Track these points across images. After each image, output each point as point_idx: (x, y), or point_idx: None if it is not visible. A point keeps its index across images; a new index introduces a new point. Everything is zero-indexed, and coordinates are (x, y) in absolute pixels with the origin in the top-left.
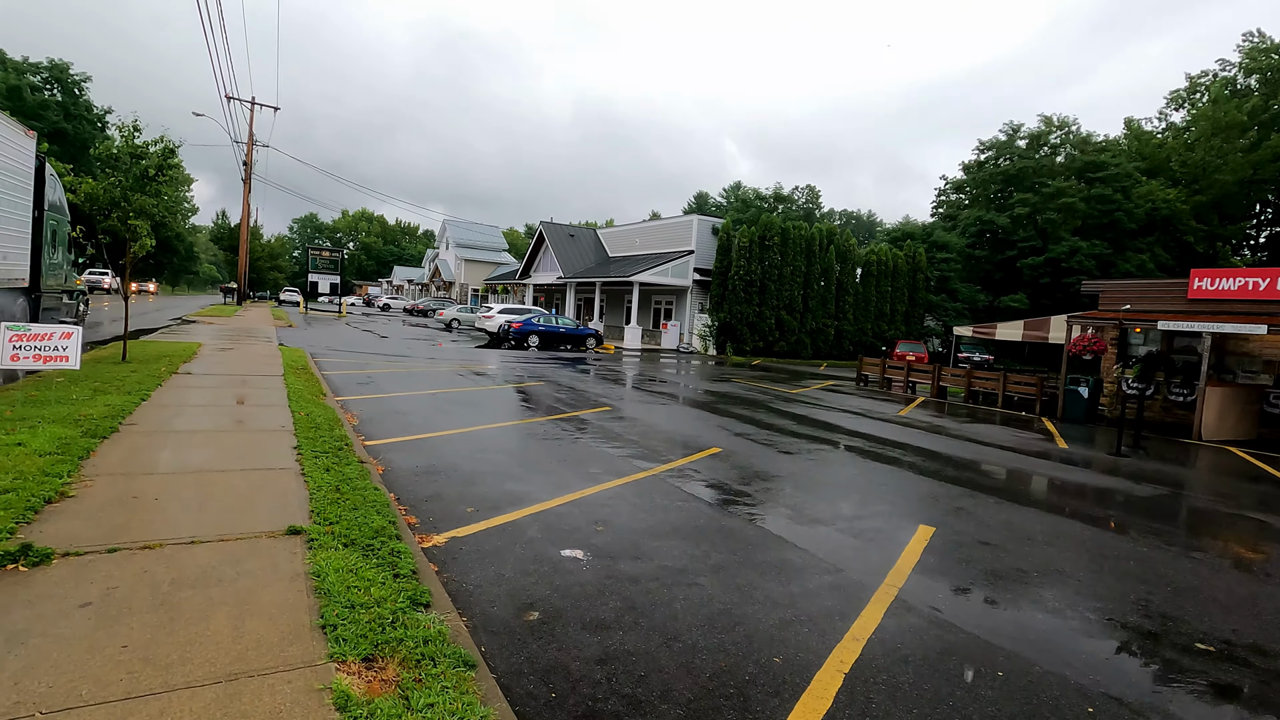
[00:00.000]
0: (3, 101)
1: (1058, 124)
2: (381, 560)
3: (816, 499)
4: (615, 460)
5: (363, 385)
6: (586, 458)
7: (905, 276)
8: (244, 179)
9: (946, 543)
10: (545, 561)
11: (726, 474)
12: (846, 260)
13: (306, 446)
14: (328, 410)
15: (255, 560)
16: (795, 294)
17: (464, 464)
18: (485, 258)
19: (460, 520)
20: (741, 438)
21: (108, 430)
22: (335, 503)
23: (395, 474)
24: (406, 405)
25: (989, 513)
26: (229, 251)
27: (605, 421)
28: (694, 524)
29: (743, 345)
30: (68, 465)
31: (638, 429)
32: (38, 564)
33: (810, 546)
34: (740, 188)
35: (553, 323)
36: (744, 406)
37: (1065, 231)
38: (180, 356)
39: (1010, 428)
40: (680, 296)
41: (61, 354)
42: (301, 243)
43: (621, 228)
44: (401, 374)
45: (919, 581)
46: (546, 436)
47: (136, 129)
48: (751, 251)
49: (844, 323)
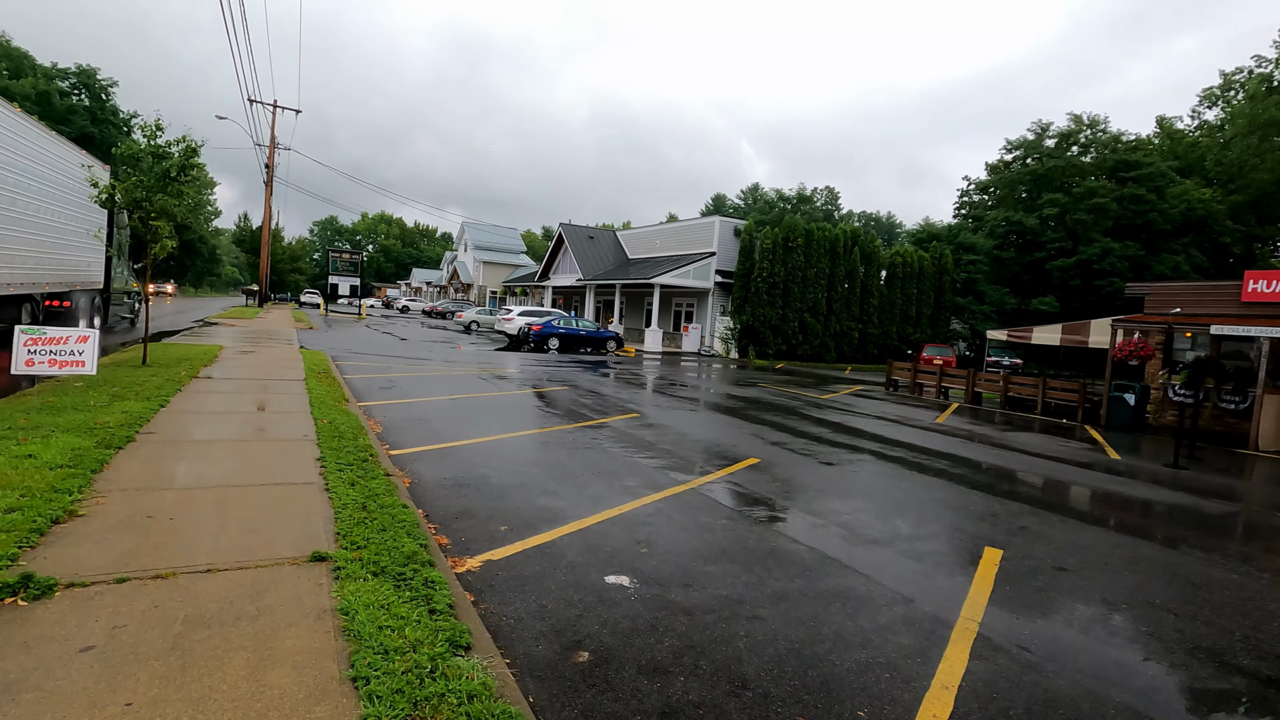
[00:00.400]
0: (31, 106)
1: (1088, 122)
2: (415, 593)
3: (869, 516)
4: (651, 472)
5: (385, 390)
6: (620, 469)
7: (931, 279)
8: (266, 181)
9: (1018, 568)
10: (589, 589)
11: (768, 488)
12: (871, 262)
13: (330, 458)
14: (350, 417)
15: (277, 593)
16: (819, 296)
17: (494, 476)
18: (504, 260)
19: (494, 540)
20: (778, 447)
21: (124, 440)
22: (362, 523)
23: (423, 487)
24: (430, 411)
25: (1055, 532)
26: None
27: (635, 429)
28: (743, 545)
29: (765, 348)
30: (79, 480)
31: (669, 437)
32: (39, 597)
33: (872, 572)
34: (759, 189)
35: (573, 325)
36: (775, 413)
37: (1097, 232)
38: (201, 360)
39: (1055, 437)
40: (701, 299)
41: (77, 358)
42: (321, 245)
43: (641, 229)
44: (423, 378)
45: (998, 616)
46: (576, 445)
47: (159, 128)
48: (775, 253)
49: (868, 326)
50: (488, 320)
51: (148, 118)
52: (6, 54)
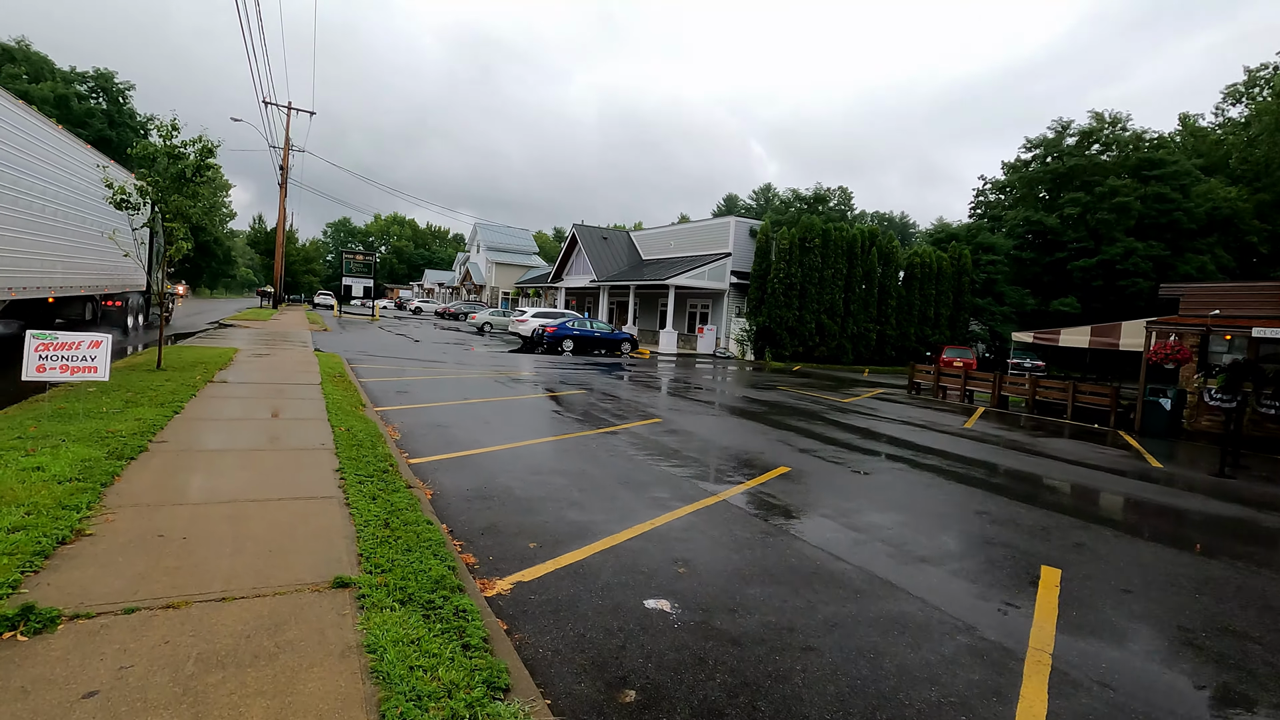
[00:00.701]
0: (50, 110)
1: (1109, 120)
2: (446, 624)
3: (913, 531)
4: (679, 482)
5: (401, 394)
6: (648, 479)
7: (950, 279)
8: (280, 183)
9: (1080, 590)
10: (629, 616)
11: (804, 499)
12: (889, 263)
13: (349, 468)
14: (368, 424)
15: (298, 626)
16: (836, 297)
17: (518, 487)
18: (516, 261)
19: (523, 559)
20: (808, 455)
21: (136, 450)
22: (386, 542)
23: (445, 500)
24: (448, 417)
25: (1112, 549)
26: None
27: (659, 435)
28: (785, 563)
29: (782, 350)
30: (88, 495)
31: (694, 444)
32: (41, 631)
33: (926, 594)
34: (771, 189)
35: (587, 327)
36: (799, 418)
37: (1119, 232)
38: (216, 363)
39: (1090, 443)
40: (717, 300)
41: (90, 364)
42: (335, 246)
43: (655, 230)
44: (439, 381)
45: (1071, 645)
46: (600, 453)
47: (175, 128)
48: (791, 254)
49: (886, 327)
50: (501, 322)
51: (164, 118)
52: (26, 58)
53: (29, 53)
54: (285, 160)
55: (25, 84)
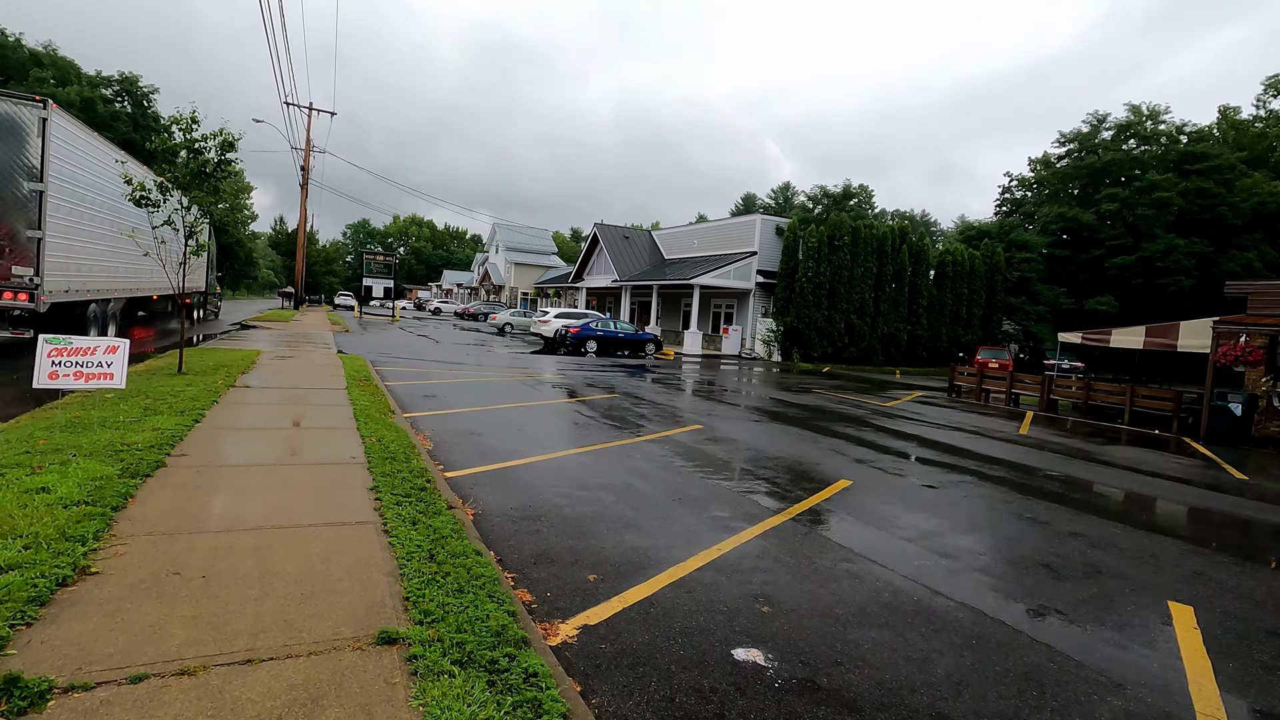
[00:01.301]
0: (76, 113)
1: (1148, 113)
2: (518, 697)
3: (1007, 557)
4: (737, 498)
5: (430, 399)
6: (704, 495)
7: (982, 278)
8: (301, 184)
9: (1223, 633)
10: (718, 671)
11: (876, 517)
12: (920, 261)
13: (384, 486)
14: (399, 433)
15: (339, 701)
16: (866, 297)
17: (565, 505)
18: (535, 261)
19: (585, 595)
20: (865, 466)
21: (152, 465)
22: (433, 581)
23: (489, 521)
24: (480, 423)
25: (1237, 580)
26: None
27: (703, 444)
28: (879, 599)
29: (810, 351)
30: (96, 522)
31: (743, 453)
32: (25, 711)
33: (1051, 639)
34: (790, 188)
35: (610, 328)
36: (844, 423)
37: (1159, 228)
38: (239, 366)
39: (1158, 451)
40: (742, 300)
41: (105, 371)
42: (355, 248)
43: (678, 229)
44: (465, 385)
45: (1241, 708)
46: (647, 464)
47: (195, 121)
48: (820, 252)
49: (917, 328)
50: (522, 322)
51: (183, 110)
52: (54, 63)
53: (56, 57)
54: (306, 161)
55: (52, 87)
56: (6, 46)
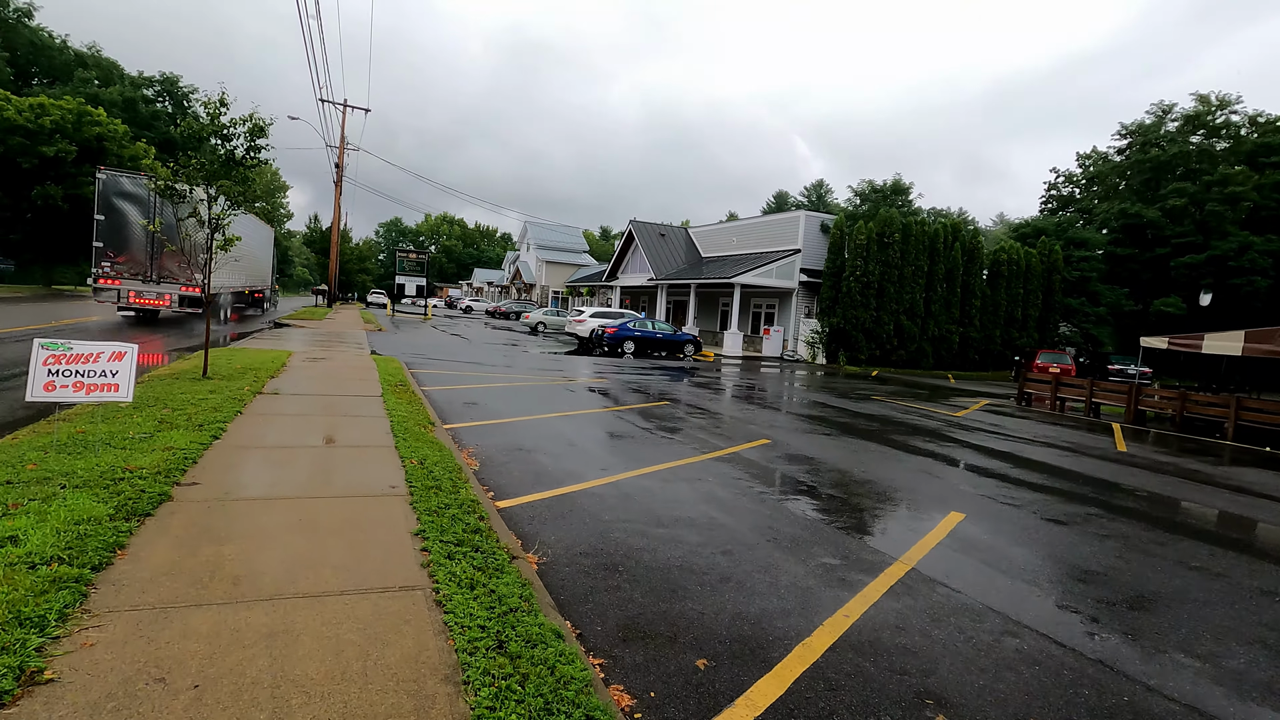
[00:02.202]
0: (118, 112)
1: (1217, 102)
2: None
3: (1206, 629)
4: (842, 539)
5: (470, 407)
6: (801, 534)
7: (1039, 277)
8: (335, 181)
9: None
10: None
11: (1016, 568)
12: (973, 259)
13: (432, 530)
14: (442, 452)
15: None
16: (916, 297)
17: (642, 548)
18: (566, 259)
19: (701, 696)
20: (968, 492)
21: (155, 499)
22: (508, 694)
23: (559, 574)
24: (528, 437)
25: None
26: (320, 255)
27: (778, 464)
28: (1076, 697)
29: (857, 354)
30: (67, 593)
31: (827, 476)
32: None
33: None
34: (823, 185)
35: (648, 328)
36: (921, 437)
37: (1231, 225)
38: (268, 369)
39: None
40: (784, 299)
41: (110, 381)
42: (387, 246)
43: (716, 226)
44: (506, 390)
45: None
46: (722, 491)
47: (223, 104)
48: (869, 250)
49: (970, 329)
50: (555, 322)
51: (211, 92)
52: (97, 63)
53: (99, 58)
54: (341, 157)
55: (95, 88)
56: (53, 48)
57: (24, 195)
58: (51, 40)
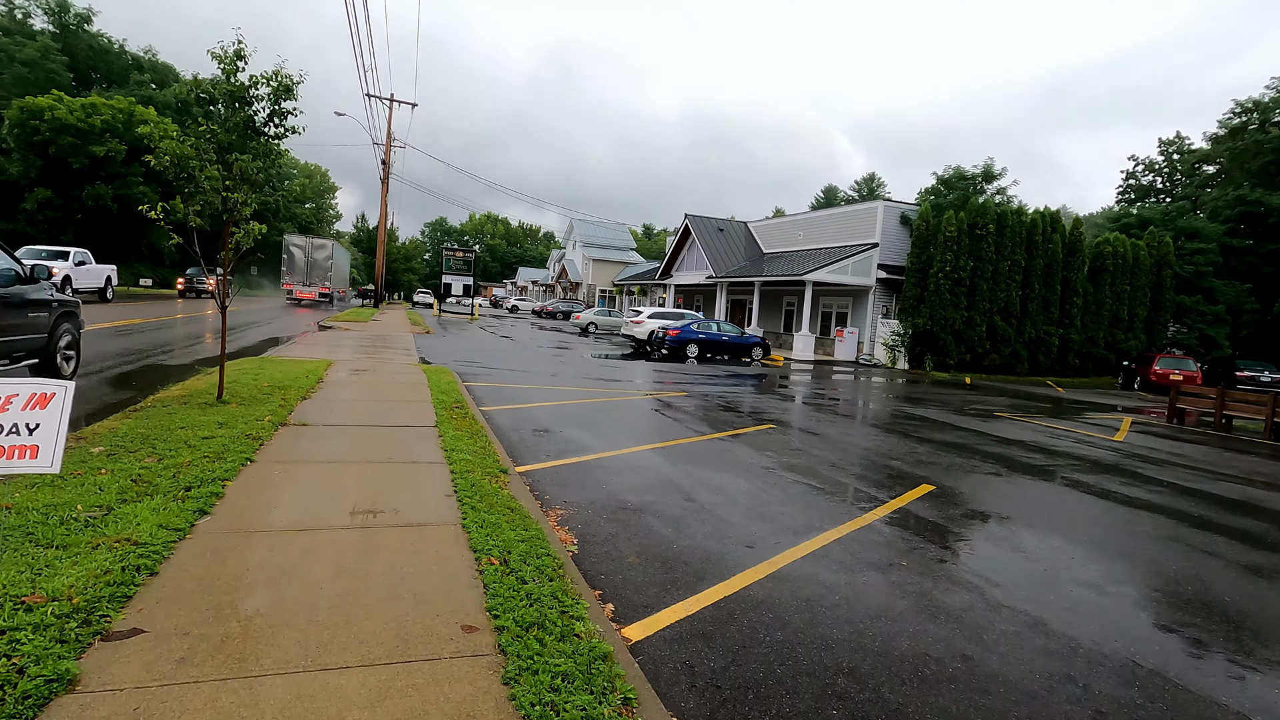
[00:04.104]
0: (172, 114)
1: None
2: None
3: None
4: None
5: (543, 437)
6: (1114, 687)
7: (1147, 272)
8: (382, 178)
9: None
10: None
11: None
12: (1074, 253)
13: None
14: (529, 530)
15: None
16: (1012, 295)
17: None
18: (613, 257)
19: None
20: (1241, 576)
21: (48, 689)
22: None
23: None
24: (628, 487)
25: None
26: (367, 254)
27: (982, 539)
28: None
29: (945, 358)
30: None
31: (1042, 551)
32: None
33: None
34: (875, 179)
35: (712, 329)
36: (1115, 478)
37: None
38: (299, 387)
39: None
40: (858, 298)
41: (22, 443)
42: (432, 246)
43: (779, 220)
44: (578, 409)
45: None
46: (945, 593)
47: (240, 57)
48: (960, 242)
49: (1070, 331)
50: (608, 322)
51: (226, 43)
52: (153, 67)
53: (155, 63)
54: (387, 154)
55: (151, 90)
56: (111, 53)
57: (74, 195)
58: (110, 45)
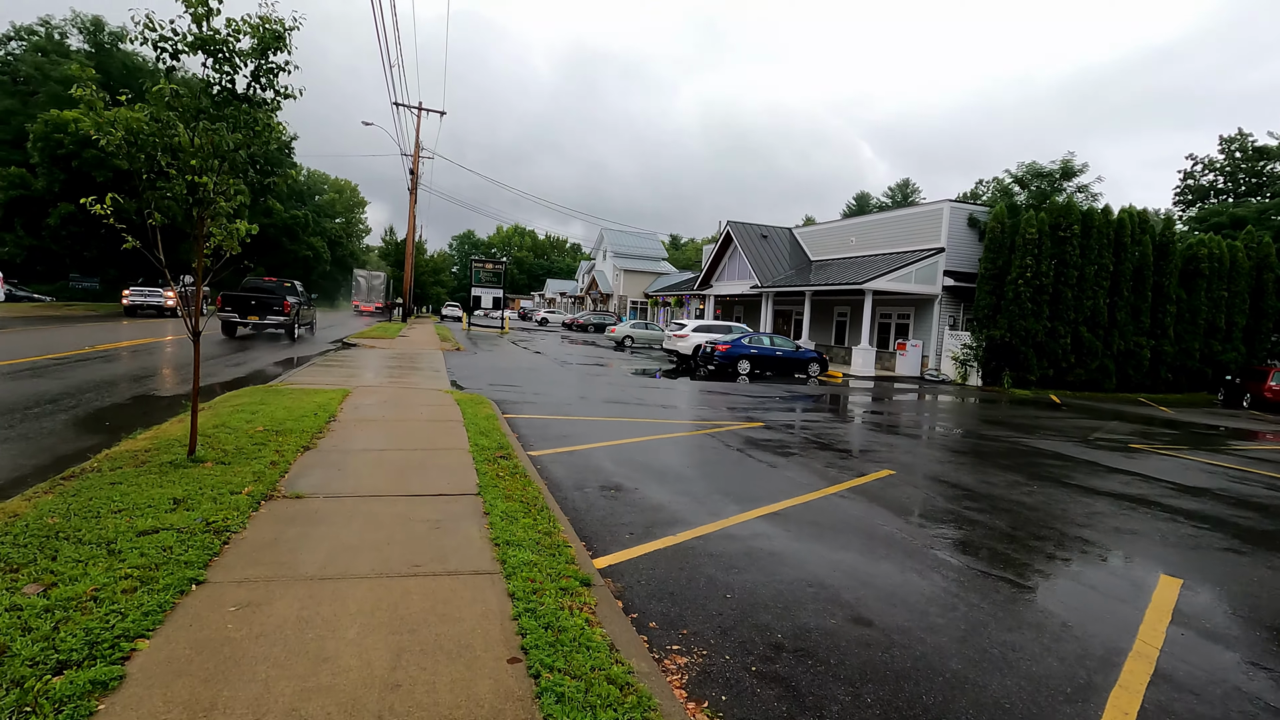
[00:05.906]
0: None
1: None
2: None
3: None
4: None
5: (615, 499)
6: None
7: (1245, 277)
8: (410, 189)
9: None
10: None
11: None
12: (1165, 256)
13: None
14: (645, 707)
15: None
16: (1099, 303)
17: None
18: (645, 267)
19: None
20: None
21: None
22: None
23: None
24: (773, 605)
25: None
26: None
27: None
28: None
29: (1026, 374)
30: None
31: None
32: None
33: None
34: (909, 184)
35: (764, 344)
36: None
37: None
38: (303, 430)
39: None
40: (921, 308)
41: None
42: (460, 258)
43: (828, 225)
44: (642, 448)
45: None
46: None
47: None
48: (1041, 245)
49: (1163, 342)
50: (645, 335)
51: None
52: (185, 83)
53: (187, 79)
54: (415, 164)
55: None
56: (144, 71)
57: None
58: (144, 64)
